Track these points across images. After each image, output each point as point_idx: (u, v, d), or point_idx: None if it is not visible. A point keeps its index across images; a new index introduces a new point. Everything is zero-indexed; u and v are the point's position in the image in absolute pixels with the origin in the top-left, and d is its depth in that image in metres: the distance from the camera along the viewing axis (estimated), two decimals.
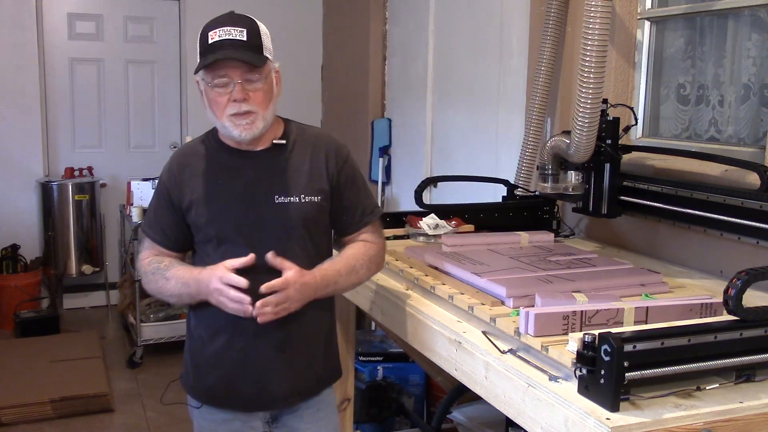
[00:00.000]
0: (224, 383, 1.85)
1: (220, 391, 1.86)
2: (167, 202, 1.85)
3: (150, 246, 1.88)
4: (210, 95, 1.75)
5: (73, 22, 5.37)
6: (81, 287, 5.47)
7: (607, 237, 2.72)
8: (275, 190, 1.79)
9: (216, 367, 1.85)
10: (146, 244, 1.89)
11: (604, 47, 2.29)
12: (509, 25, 3.42)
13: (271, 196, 1.79)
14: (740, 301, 1.39)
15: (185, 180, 1.83)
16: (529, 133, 3.01)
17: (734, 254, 2.16)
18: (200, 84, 1.78)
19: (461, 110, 3.91)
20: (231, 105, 1.72)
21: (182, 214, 1.83)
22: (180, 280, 1.77)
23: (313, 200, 1.82)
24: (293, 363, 1.86)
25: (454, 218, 2.56)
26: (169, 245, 1.87)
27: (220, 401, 1.87)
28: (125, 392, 4.05)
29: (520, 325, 1.57)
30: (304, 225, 1.82)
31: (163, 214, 1.86)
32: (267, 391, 1.85)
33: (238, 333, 1.80)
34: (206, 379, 1.87)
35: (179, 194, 1.83)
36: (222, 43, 1.69)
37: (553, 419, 1.37)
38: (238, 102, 1.71)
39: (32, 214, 5.26)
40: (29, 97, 5.21)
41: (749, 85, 2.38)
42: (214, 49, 1.69)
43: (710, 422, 1.30)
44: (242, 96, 1.72)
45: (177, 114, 5.70)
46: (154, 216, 1.89)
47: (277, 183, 1.80)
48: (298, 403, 1.91)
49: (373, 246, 1.91)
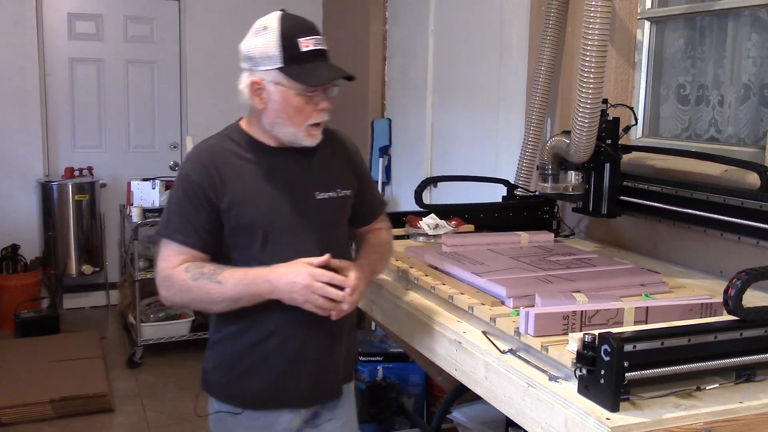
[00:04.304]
0: (277, 383, 1.81)
1: (271, 392, 1.82)
2: (202, 202, 1.73)
3: (179, 251, 1.73)
4: (293, 102, 1.71)
5: (73, 22, 5.36)
6: (81, 287, 5.47)
7: (607, 237, 2.72)
8: (315, 186, 1.81)
9: (268, 369, 1.80)
10: (172, 250, 1.73)
11: (604, 47, 2.29)
12: (509, 25, 3.42)
13: (312, 193, 1.80)
14: (740, 301, 1.39)
15: (224, 179, 1.74)
16: (529, 133, 3.01)
17: (734, 254, 2.16)
18: (272, 85, 1.71)
19: (461, 110, 3.91)
20: (316, 114, 1.73)
21: (218, 214, 1.74)
22: (240, 281, 1.68)
23: (347, 194, 1.87)
24: (341, 352, 1.90)
25: (454, 218, 2.56)
26: (204, 248, 1.75)
27: (271, 402, 1.83)
28: (125, 392, 4.05)
29: (520, 325, 1.57)
30: (342, 218, 1.88)
31: (197, 215, 1.73)
32: (322, 383, 1.86)
33: (293, 331, 1.78)
34: (254, 383, 1.81)
35: (218, 193, 1.73)
36: (317, 53, 1.71)
37: (553, 419, 1.37)
38: (323, 112, 1.75)
39: (32, 214, 5.26)
40: (29, 97, 5.21)
41: (749, 85, 2.38)
42: (312, 59, 1.70)
43: (710, 422, 1.30)
44: (329, 107, 1.76)
45: (177, 114, 5.70)
46: (183, 218, 1.74)
47: (315, 180, 1.81)
48: (342, 391, 1.94)
49: (388, 232, 2.03)
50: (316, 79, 1.70)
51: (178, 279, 1.71)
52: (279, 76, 1.70)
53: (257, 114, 1.77)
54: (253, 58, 1.73)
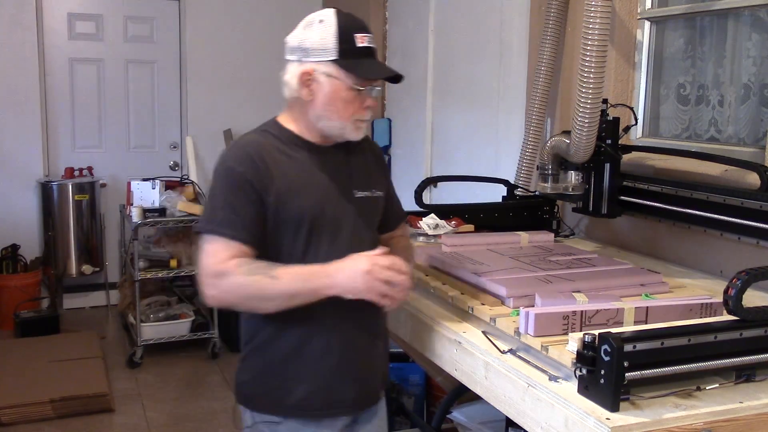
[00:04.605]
0: (323, 388, 1.75)
1: (317, 399, 1.75)
2: (250, 194, 1.66)
3: (227, 246, 1.64)
4: (342, 94, 1.69)
5: (73, 22, 5.36)
6: (81, 287, 5.47)
7: (607, 237, 2.72)
8: (354, 184, 1.80)
9: (313, 374, 1.74)
10: (220, 245, 1.64)
11: (604, 47, 2.29)
12: (509, 25, 3.42)
13: (350, 191, 1.79)
14: (740, 301, 1.39)
15: (271, 172, 1.68)
16: (529, 133, 3.01)
17: (734, 254, 2.17)
18: (324, 76, 1.69)
19: (461, 110, 3.91)
20: (364, 111, 1.73)
21: (265, 207, 1.68)
22: (298, 276, 1.62)
23: (380, 195, 1.86)
24: (379, 355, 1.86)
25: (454, 218, 2.56)
26: (253, 242, 1.66)
27: (316, 409, 1.76)
28: (125, 392, 4.05)
29: (520, 325, 1.57)
30: (376, 219, 1.87)
31: (246, 209, 1.66)
32: (366, 388, 1.82)
33: (337, 332, 1.74)
34: (297, 390, 1.74)
35: (265, 186, 1.67)
36: (370, 50, 1.71)
37: (553, 419, 1.37)
38: (369, 109, 1.74)
39: (32, 214, 5.26)
40: (29, 97, 5.21)
41: (749, 85, 2.38)
42: (365, 56, 1.70)
43: (710, 422, 1.30)
44: (375, 106, 1.76)
45: (177, 114, 5.70)
46: (230, 212, 1.66)
47: (354, 178, 1.81)
48: (380, 396, 1.91)
49: (409, 240, 2.02)
50: (370, 72, 1.70)
51: (229, 275, 1.61)
52: (332, 67, 1.68)
53: (302, 107, 1.74)
54: (305, 49, 1.70)
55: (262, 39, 5.64)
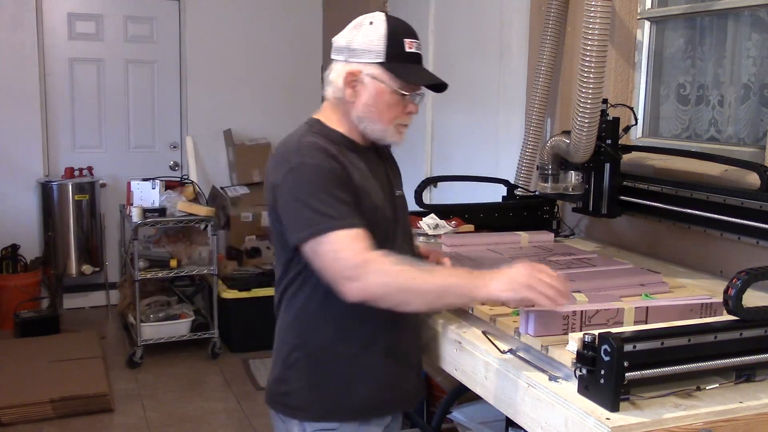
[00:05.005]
0: (386, 387, 1.74)
1: (381, 397, 1.73)
2: (346, 187, 1.61)
3: (356, 236, 1.53)
4: (386, 98, 1.68)
5: (73, 22, 5.36)
6: (81, 287, 5.47)
7: (607, 237, 2.72)
8: (394, 184, 1.82)
9: (378, 374, 1.72)
10: (350, 237, 1.53)
11: (604, 47, 2.29)
12: (509, 25, 3.42)
13: (392, 190, 1.80)
14: (740, 301, 1.39)
15: (348, 170, 1.65)
16: (529, 133, 3.01)
17: (734, 254, 2.16)
18: (369, 78, 1.67)
19: (461, 110, 3.91)
20: (406, 116, 1.73)
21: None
22: (453, 272, 1.57)
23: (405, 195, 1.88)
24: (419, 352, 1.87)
25: (454, 218, 2.56)
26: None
27: (379, 409, 1.75)
28: (125, 392, 4.05)
29: (520, 325, 1.57)
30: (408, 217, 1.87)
31: (350, 200, 1.60)
32: (419, 380, 1.83)
33: (398, 330, 1.74)
34: (360, 391, 1.71)
35: (350, 184, 1.63)
36: (417, 56, 1.71)
37: (553, 419, 1.37)
38: (410, 115, 1.74)
39: (32, 214, 5.26)
40: (29, 97, 5.21)
41: (749, 85, 2.38)
42: (413, 61, 1.70)
43: (710, 422, 1.30)
44: (416, 112, 1.75)
45: (177, 114, 5.70)
46: (341, 204, 1.57)
47: (392, 177, 1.82)
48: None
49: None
50: (416, 78, 1.69)
51: (376, 263, 1.50)
52: (378, 70, 1.67)
53: (345, 108, 1.71)
54: (353, 50, 1.68)
55: (262, 39, 5.65)
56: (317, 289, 1.66)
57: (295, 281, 1.71)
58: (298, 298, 1.71)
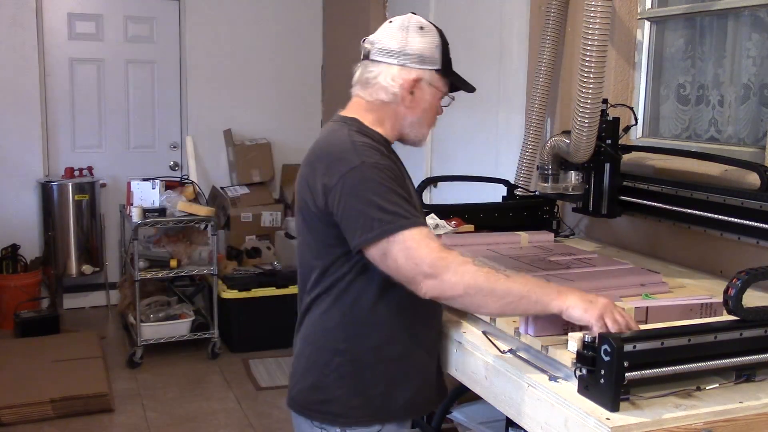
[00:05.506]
0: (427, 386, 1.74)
1: (421, 397, 1.73)
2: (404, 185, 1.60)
3: (428, 234, 1.52)
4: (435, 104, 1.73)
5: (73, 22, 5.36)
6: (81, 287, 5.47)
7: (607, 237, 2.72)
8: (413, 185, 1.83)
9: (421, 374, 1.72)
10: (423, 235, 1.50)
11: (604, 47, 2.29)
12: (509, 26, 3.42)
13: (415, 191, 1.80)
14: (740, 301, 1.39)
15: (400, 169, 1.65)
16: (529, 133, 3.01)
17: (734, 254, 2.16)
18: (427, 85, 1.69)
19: (461, 110, 3.90)
20: (435, 121, 1.77)
21: None
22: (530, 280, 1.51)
23: None
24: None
25: (454, 218, 2.56)
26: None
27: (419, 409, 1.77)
28: (125, 392, 4.05)
29: (520, 325, 1.57)
30: None
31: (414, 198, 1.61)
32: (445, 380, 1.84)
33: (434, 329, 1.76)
34: (404, 392, 1.69)
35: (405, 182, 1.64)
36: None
37: (553, 419, 1.37)
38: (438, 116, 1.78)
39: (32, 214, 5.26)
40: (29, 97, 5.21)
41: (749, 85, 2.38)
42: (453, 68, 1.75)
43: (710, 422, 1.30)
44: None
45: (177, 114, 5.70)
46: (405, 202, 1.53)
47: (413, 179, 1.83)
48: None
49: None
50: (464, 85, 1.75)
51: (457, 262, 1.47)
52: (435, 77, 1.70)
53: (395, 112, 1.69)
54: (409, 55, 1.67)
55: (262, 39, 5.65)
56: (366, 292, 1.62)
57: (336, 286, 1.64)
58: (344, 302, 1.65)
